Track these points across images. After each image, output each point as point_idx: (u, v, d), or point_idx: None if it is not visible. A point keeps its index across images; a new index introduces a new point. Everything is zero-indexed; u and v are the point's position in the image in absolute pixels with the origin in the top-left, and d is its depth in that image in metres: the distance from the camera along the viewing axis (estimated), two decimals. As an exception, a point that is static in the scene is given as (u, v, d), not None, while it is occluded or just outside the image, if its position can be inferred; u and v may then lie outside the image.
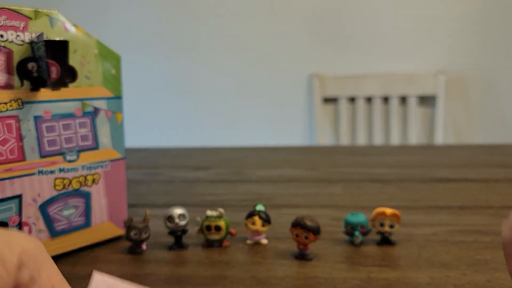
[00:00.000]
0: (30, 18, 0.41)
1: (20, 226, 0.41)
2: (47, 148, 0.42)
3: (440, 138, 1.67)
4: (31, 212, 0.42)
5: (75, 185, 0.44)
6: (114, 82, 0.47)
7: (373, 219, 0.46)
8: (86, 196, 0.46)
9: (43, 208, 0.42)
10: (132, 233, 0.44)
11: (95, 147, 0.46)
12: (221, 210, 0.46)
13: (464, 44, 1.70)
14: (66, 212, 0.44)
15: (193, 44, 1.81)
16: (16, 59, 0.40)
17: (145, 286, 0.22)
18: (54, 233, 0.43)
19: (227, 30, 1.79)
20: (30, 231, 0.42)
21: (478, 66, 1.71)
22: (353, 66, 1.74)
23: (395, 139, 1.70)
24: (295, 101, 1.80)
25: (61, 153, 0.43)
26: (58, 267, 0.42)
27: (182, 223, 0.45)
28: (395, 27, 1.72)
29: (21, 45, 0.40)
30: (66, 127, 0.44)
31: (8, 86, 0.40)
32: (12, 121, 0.40)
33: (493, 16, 1.68)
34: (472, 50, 1.71)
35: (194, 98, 1.84)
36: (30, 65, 0.41)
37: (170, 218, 0.45)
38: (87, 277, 0.40)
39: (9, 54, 0.39)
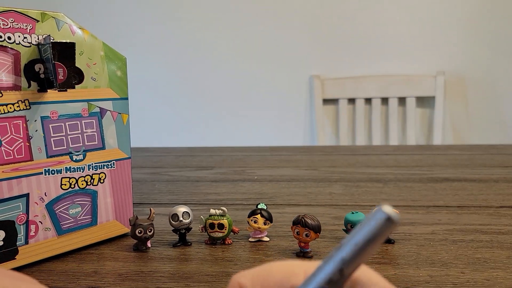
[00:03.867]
0: (37, 21, 0.41)
1: (27, 224, 0.42)
2: (54, 148, 0.43)
3: (438, 139, 1.67)
4: (38, 211, 0.42)
5: (81, 184, 0.45)
6: (120, 84, 0.48)
7: (373, 218, 0.47)
8: (92, 195, 0.46)
9: (50, 206, 0.43)
10: (137, 231, 0.45)
11: (101, 147, 0.47)
12: (224, 208, 0.47)
13: (463, 45, 1.71)
14: (72, 211, 0.45)
15: (197, 46, 1.82)
16: (24, 60, 0.41)
17: None
18: (60, 231, 0.44)
19: (230, 33, 1.80)
20: (37, 229, 0.42)
21: (476, 67, 1.72)
22: (352, 67, 1.75)
23: (394, 140, 1.71)
24: (296, 102, 1.81)
25: (67, 153, 0.44)
26: (64, 264, 0.43)
27: (186, 221, 0.46)
28: (394, 29, 1.73)
29: (28, 47, 0.41)
30: (73, 127, 0.44)
31: (15, 87, 0.40)
32: (20, 122, 0.41)
33: (492, 17, 1.69)
34: (471, 51, 1.71)
35: (197, 99, 1.85)
36: (37, 67, 0.42)
37: (174, 216, 0.46)
38: (93, 274, 0.41)
39: (16, 56, 0.40)
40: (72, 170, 0.44)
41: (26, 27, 0.41)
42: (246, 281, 0.22)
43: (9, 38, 0.40)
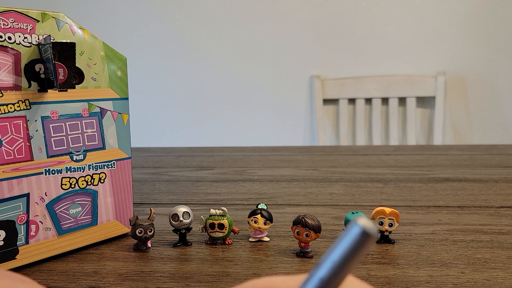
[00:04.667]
0: (38, 21, 0.41)
1: (27, 224, 0.42)
2: (54, 148, 0.43)
3: (439, 139, 1.67)
4: (38, 211, 0.42)
5: (81, 184, 0.45)
6: (120, 84, 0.48)
7: (372, 217, 0.47)
8: (93, 195, 0.46)
9: (50, 206, 0.43)
10: (137, 231, 0.45)
11: (102, 147, 0.47)
12: (224, 208, 0.47)
13: (464, 45, 1.71)
14: (72, 211, 0.45)
15: (198, 47, 1.82)
16: (24, 60, 0.41)
17: None
18: (61, 231, 0.44)
19: (231, 33, 1.80)
20: (37, 229, 0.42)
21: (477, 67, 1.72)
22: (353, 67, 1.75)
23: (395, 140, 1.71)
24: (297, 102, 1.81)
25: (68, 153, 0.44)
26: (64, 264, 0.43)
27: (186, 221, 0.46)
28: (395, 29, 1.73)
29: (28, 47, 0.41)
30: (73, 127, 0.44)
31: (16, 87, 0.40)
32: (20, 122, 0.41)
33: (493, 17, 1.69)
34: (471, 52, 1.71)
35: (198, 99, 1.85)
36: (38, 67, 0.42)
37: (174, 216, 0.46)
38: (94, 274, 0.41)
39: (17, 56, 0.40)
40: (72, 170, 0.44)
41: (26, 27, 0.41)
42: None
43: (9, 38, 0.40)
